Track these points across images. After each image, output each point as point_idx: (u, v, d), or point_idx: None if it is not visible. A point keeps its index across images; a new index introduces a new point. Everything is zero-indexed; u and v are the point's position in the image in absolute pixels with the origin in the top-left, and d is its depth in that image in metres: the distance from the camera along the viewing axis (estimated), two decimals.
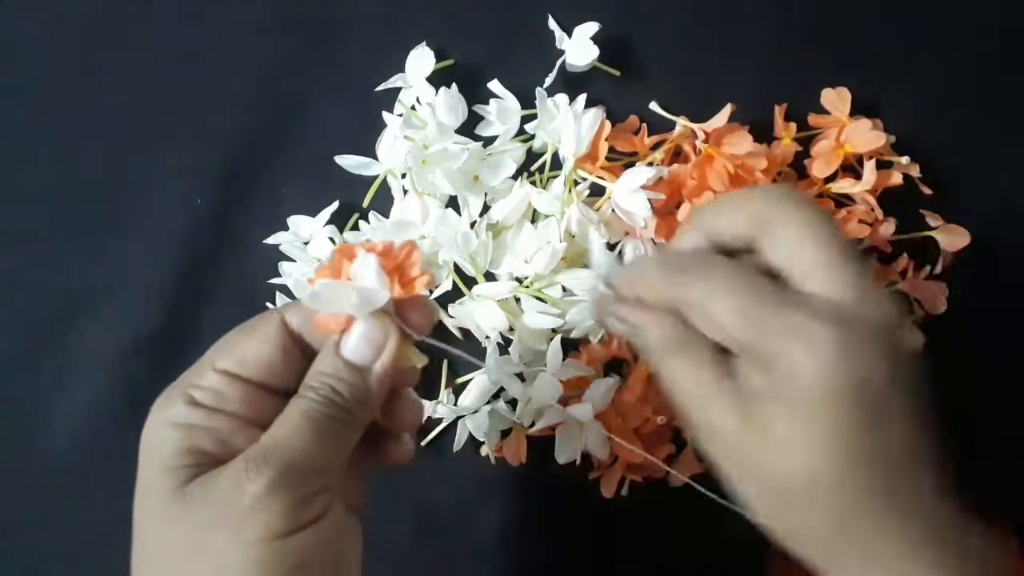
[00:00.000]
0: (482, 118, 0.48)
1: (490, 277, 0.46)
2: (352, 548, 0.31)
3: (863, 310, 0.27)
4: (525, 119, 0.48)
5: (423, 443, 0.47)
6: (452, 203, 0.47)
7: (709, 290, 0.29)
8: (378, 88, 0.48)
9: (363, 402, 0.29)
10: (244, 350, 0.30)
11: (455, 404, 0.46)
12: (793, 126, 0.47)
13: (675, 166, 0.46)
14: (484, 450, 0.46)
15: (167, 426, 0.29)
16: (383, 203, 0.48)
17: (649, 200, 0.43)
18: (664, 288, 0.30)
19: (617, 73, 0.49)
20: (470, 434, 0.46)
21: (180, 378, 0.30)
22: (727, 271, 0.29)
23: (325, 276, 0.29)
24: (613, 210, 0.45)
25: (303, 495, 0.27)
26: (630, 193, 0.43)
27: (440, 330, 0.47)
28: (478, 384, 0.45)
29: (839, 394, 0.27)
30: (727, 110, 0.46)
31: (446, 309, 0.46)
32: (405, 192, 0.47)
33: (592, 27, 0.47)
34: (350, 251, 0.29)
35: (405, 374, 0.32)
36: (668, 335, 0.30)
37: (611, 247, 0.47)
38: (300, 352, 0.31)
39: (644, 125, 0.48)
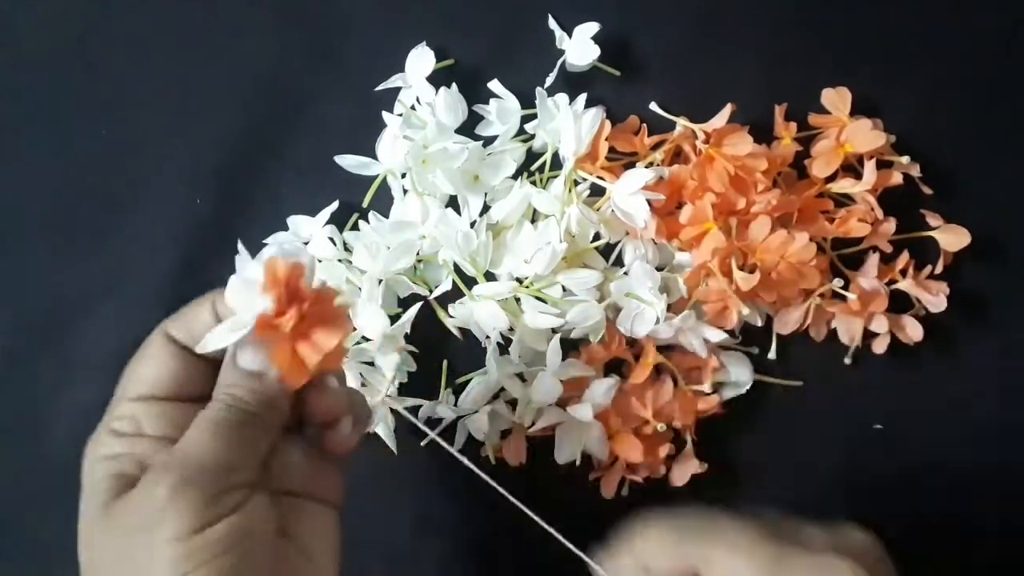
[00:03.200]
0: (482, 118, 0.48)
1: (490, 277, 0.46)
2: (308, 537, 0.33)
3: None
4: (525, 119, 0.48)
5: (423, 443, 0.47)
6: (452, 203, 0.47)
7: (732, 546, 0.32)
8: (378, 88, 0.48)
9: (269, 404, 0.31)
10: (143, 373, 0.32)
11: (455, 404, 0.46)
12: (793, 126, 0.47)
13: (675, 167, 0.46)
14: (484, 450, 0.46)
15: (96, 460, 0.32)
16: (383, 203, 0.48)
17: (649, 201, 0.43)
18: (677, 551, 0.33)
19: (617, 73, 0.49)
20: (470, 434, 0.46)
21: (104, 416, 0.33)
22: (743, 530, 0.32)
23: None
24: (613, 210, 0.45)
25: (210, 494, 0.29)
26: (629, 196, 0.43)
27: (440, 330, 0.47)
28: (478, 384, 0.45)
29: None
30: (727, 110, 0.46)
31: (446, 309, 0.46)
32: (405, 192, 0.47)
33: (593, 27, 0.47)
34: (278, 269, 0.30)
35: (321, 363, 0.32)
36: None
37: (611, 247, 0.47)
38: (201, 359, 0.33)
39: (644, 125, 0.48)
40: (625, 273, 0.45)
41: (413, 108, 0.48)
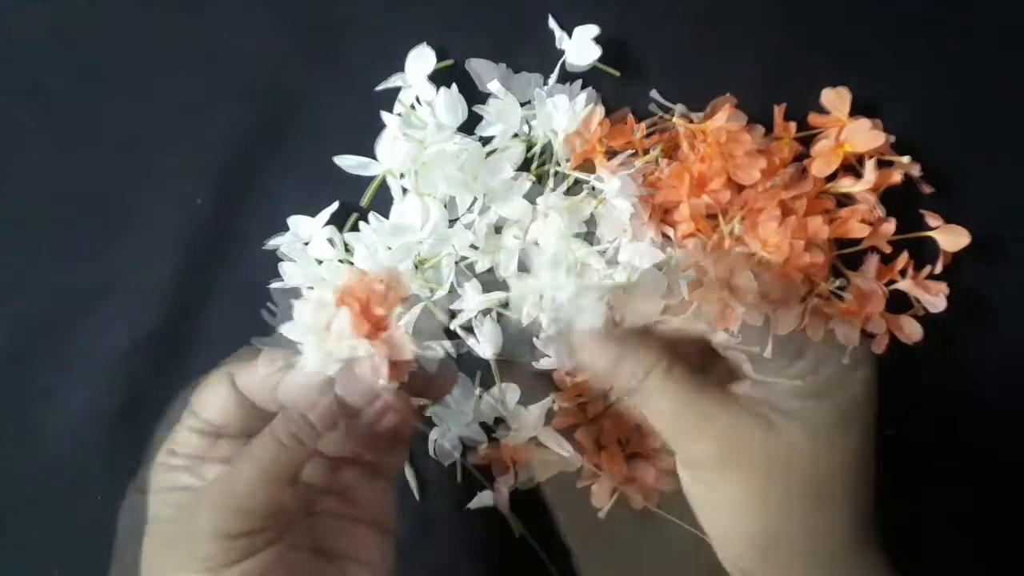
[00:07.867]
0: (482, 118, 0.48)
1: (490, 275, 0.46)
2: (351, 558, 0.35)
3: None
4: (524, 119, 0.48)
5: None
6: (452, 203, 0.47)
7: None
8: (378, 88, 0.48)
9: (308, 439, 0.33)
10: (205, 408, 0.35)
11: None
12: (793, 126, 0.47)
13: (676, 162, 0.46)
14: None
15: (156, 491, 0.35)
16: (383, 203, 0.48)
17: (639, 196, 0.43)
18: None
19: (617, 74, 0.49)
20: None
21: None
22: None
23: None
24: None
25: (243, 530, 0.31)
26: (614, 198, 0.44)
27: (440, 330, 0.47)
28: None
29: None
30: (727, 108, 0.46)
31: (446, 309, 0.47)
32: (405, 192, 0.47)
33: (593, 29, 0.47)
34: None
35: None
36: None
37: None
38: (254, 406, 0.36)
39: (642, 124, 0.48)
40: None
41: (413, 108, 0.48)
